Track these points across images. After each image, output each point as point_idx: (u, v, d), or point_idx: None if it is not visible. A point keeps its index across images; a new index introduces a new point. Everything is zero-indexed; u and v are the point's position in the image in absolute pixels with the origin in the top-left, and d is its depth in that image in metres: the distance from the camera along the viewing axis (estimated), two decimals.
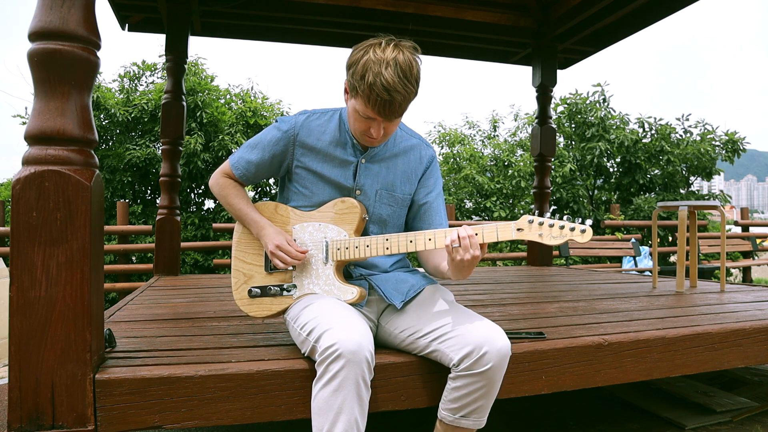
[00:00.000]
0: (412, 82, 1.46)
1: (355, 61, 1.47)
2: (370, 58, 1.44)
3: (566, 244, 6.93)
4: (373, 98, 1.44)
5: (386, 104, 1.45)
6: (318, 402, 1.36)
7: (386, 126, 1.54)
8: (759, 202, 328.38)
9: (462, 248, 1.45)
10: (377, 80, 1.41)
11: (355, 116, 1.54)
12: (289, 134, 1.68)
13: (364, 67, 1.44)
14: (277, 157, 1.71)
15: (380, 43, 1.46)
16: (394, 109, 1.47)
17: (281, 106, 9.36)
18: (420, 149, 1.77)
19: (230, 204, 1.75)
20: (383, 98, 1.43)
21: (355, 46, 1.51)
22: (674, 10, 4.33)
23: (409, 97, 1.48)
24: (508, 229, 1.47)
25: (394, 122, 1.54)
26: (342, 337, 1.35)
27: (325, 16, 4.51)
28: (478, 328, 1.47)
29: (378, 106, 1.46)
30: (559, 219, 1.44)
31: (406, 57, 1.45)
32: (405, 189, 1.74)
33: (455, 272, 1.53)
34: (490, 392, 1.47)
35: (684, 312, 2.48)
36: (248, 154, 1.73)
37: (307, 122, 1.69)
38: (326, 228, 1.67)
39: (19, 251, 1.33)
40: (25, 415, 1.33)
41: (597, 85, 10.78)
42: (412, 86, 1.47)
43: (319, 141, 1.68)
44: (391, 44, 1.46)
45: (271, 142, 1.70)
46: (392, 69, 1.42)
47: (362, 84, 1.44)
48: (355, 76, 1.46)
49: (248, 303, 1.72)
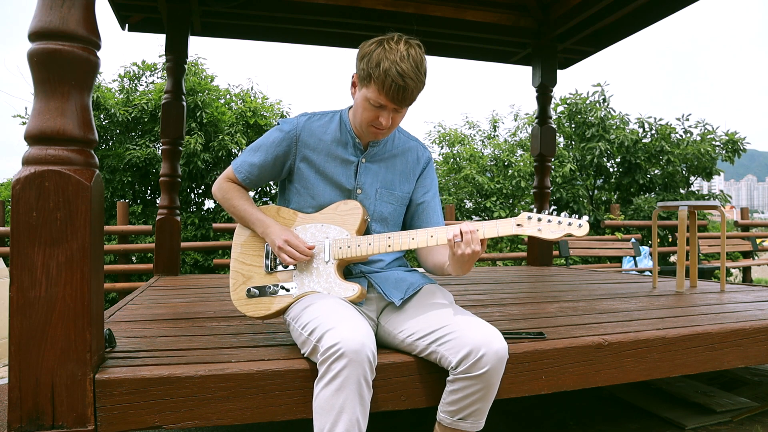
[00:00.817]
0: (422, 73, 1.54)
1: (368, 52, 1.54)
2: (385, 48, 1.51)
3: (566, 243, 6.94)
4: (388, 83, 1.50)
5: (400, 90, 1.51)
6: (319, 401, 1.36)
7: (394, 116, 1.60)
8: (759, 202, 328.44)
9: (464, 243, 1.49)
10: (393, 67, 1.49)
11: (365, 105, 1.58)
12: (292, 135, 1.71)
13: (379, 55, 1.51)
14: (279, 158, 1.73)
15: (392, 37, 1.54)
16: (407, 95, 1.53)
17: (281, 106, 9.37)
18: (417, 150, 1.83)
19: (234, 206, 1.76)
20: (398, 84, 1.50)
21: (365, 41, 1.58)
22: (674, 10, 4.34)
23: (420, 86, 1.55)
24: (508, 225, 1.53)
25: (401, 112, 1.60)
26: (344, 336, 1.35)
27: (325, 16, 4.51)
28: (475, 330, 1.47)
29: (392, 91, 1.51)
30: (557, 214, 1.50)
31: (416, 51, 1.53)
32: (404, 188, 1.78)
33: (456, 267, 1.56)
34: (487, 395, 1.48)
35: (684, 312, 2.48)
36: (251, 157, 1.74)
37: (308, 123, 1.73)
38: (328, 228, 1.68)
39: (19, 251, 1.33)
40: (25, 415, 1.33)
41: (597, 85, 10.79)
42: (423, 77, 1.54)
43: (321, 141, 1.71)
44: (403, 39, 1.54)
45: (274, 143, 1.72)
46: (406, 59, 1.50)
47: (377, 70, 1.50)
48: (371, 63, 1.52)
49: (246, 303, 1.72)
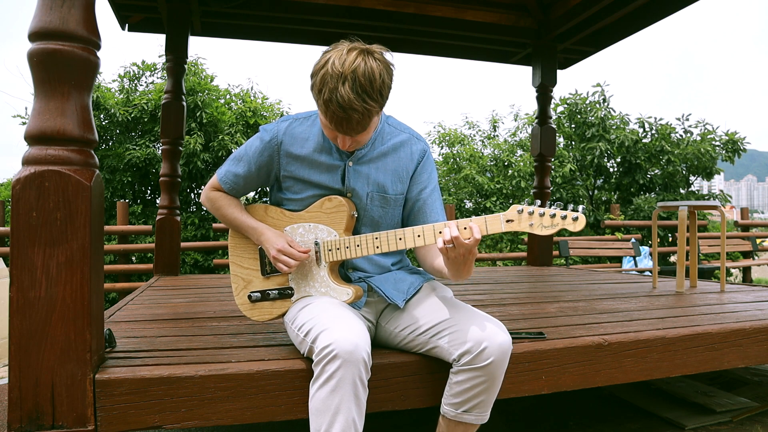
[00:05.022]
0: (373, 96, 1.39)
1: (315, 71, 1.41)
2: (328, 71, 1.37)
3: (566, 244, 6.93)
4: (330, 114, 1.40)
5: (343, 121, 1.40)
6: (315, 402, 1.35)
7: (355, 138, 1.50)
8: (759, 202, 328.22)
9: (456, 245, 1.40)
10: (333, 97, 1.36)
11: (324, 125, 1.51)
12: (273, 144, 1.64)
13: (323, 80, 1.38)
14: (263, 168, 1.68)
15: (343, 51, 1.38)
16: (352, 126, 1.42)
17: (281, 106, 9.37)
18: (411, 144, 1.70)
19: (225, 215, 1.72)
20: (339, 116, 1.39)
21: (323, 50, 1.44)
22: (674, 10, 4.33)
23: (370, 112, 1.41)
24: (497, 221, 1.41)
25: (360, 135, 1.50)
26: (338, 337, 1.34)
27: (325, 16, 4.51)
28: (478, 323, 1.47)
29: (335, 122, 1.42)
30: (549, 207, 1.37)
31: (368, 67, 1.36)
32: (397, 189, 1.68)
33: (453, 270, 1.49)
34: (492, 387, 1.47)
35: (684, 312, 2.48)
36: (234, 167, 1.70)
37: (289, 129, 1.64)
38: (316, 228, 1.64)
39: (19, 251, 1.33)
40: (25, 415, 1.33)
41: (597, 85, 10.78)
42: (372, 102, 1.39)
43: (303, 148, 1.64)
44: (354, 52, 1.37)
45: (256, 153, 1.66)
46: (349, 84, 1.35)
47: (319, 99, 1.41)
48: (314, 90, 1.42)
49: (250, 308, 1.73)
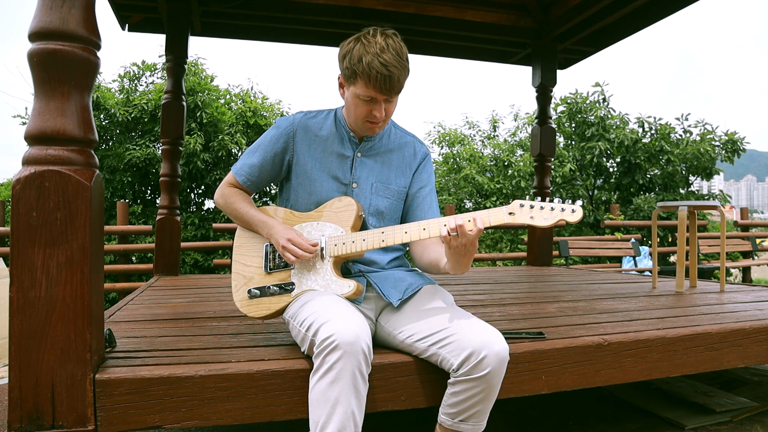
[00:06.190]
0: (405, 59, 1.57)
1: (348, 50, 1.57)
2: (363, 43, 1.55)
3: (566, 244, 6.93)
4: (374, 76, 1.53)
5: (386, 80, 1.53)
6: (315, 394, 1.36)
7: (387, 107, 1.62)
8: (759, 202, 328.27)
9: (460, 234, 1.44)
10: (375, 59, 1.52)
11: (356, 102, 1.61)
12: (288, 131, 1.74)
13: (360, 51, 1.54)
14: (278, 155, 1.75)
15: (368, 32, 1.57)
16: (394, 83, 1.56)
17: (281, 106, 9.37)
18: (414, 146, 1.84)
19: (236, 210, 1.77)
20: (383, 74, 1.52)
21: (343, 41, 1.62)
22: (674, 10, 4.34)
23: (405, 73, 1.58)
24: (499, 213, 1.50)
25: (393, 101, 1.63)
26: (338, 328, 1.35)
27: (325, 16, 4.51)
28: (476, 332, 1.47)
29: (380, 82, 1.54)
30: (549, 200, 1.47)
31: (394, 41, 1.57)
32: (400, 182, 1.79)
33: (453, 261, 1.52)
34: (488, 397, 1.48)
35: (684, 312, 2.48)
36: (250, 159, 1.77)
37: (304, 119, 1.76)
38: (324, 226, 1.69)
39: (19, 251, 1.33)
40: (25, 415, 1.33)
41: (597, 85, 10.79)
42: (406, 63, 1.58)
43: (317, 137, 1.75)
44: (378, 31, 1.57)
45: (272, 141, 1.75)
46: (387, 51, 1.54)
47: (361, 65, 1.53)
48: (353, 60, 1.55)
49: (248, 304, 1.73)
